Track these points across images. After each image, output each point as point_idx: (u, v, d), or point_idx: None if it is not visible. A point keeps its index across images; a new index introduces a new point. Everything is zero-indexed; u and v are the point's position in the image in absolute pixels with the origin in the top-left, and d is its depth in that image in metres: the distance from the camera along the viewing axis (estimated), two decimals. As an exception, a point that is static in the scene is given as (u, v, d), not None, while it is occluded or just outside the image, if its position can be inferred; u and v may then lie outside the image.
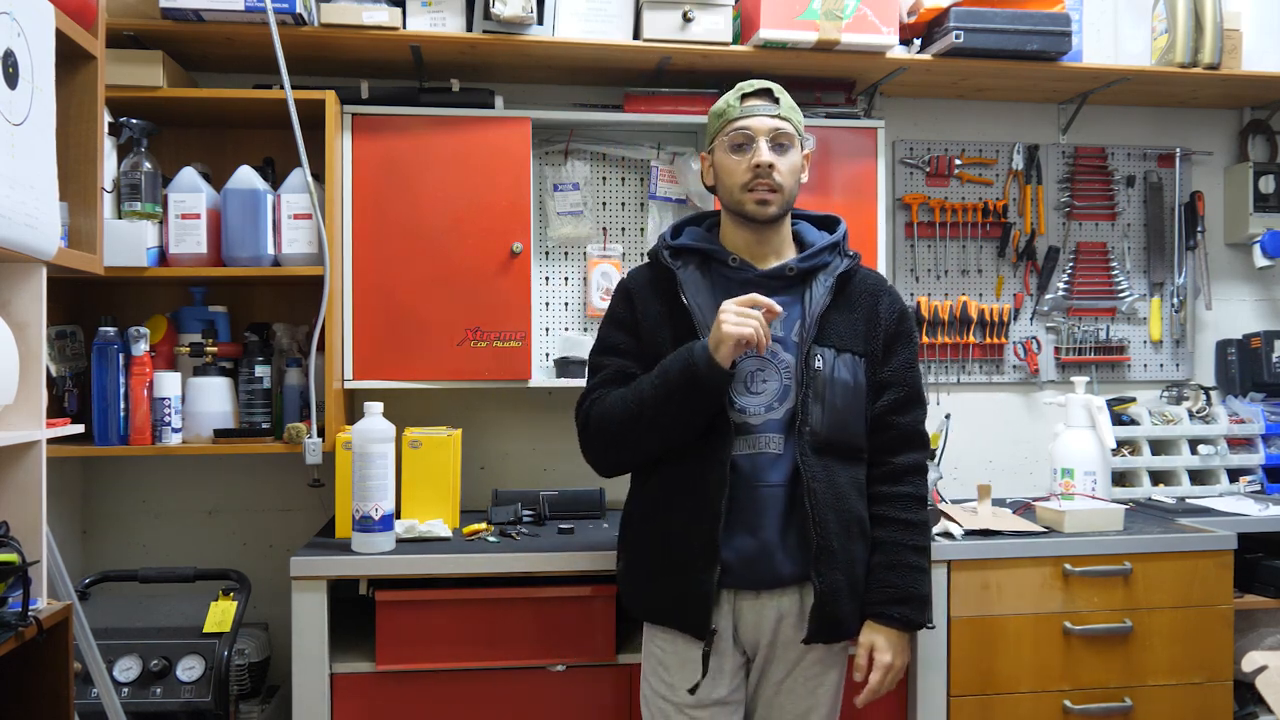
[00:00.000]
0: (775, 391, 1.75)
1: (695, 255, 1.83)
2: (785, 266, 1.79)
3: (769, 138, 1.75)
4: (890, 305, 1.84)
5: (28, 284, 1.49)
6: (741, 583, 1.74)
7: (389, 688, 2.07)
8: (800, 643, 1.75)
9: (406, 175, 2.36)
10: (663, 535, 1.78)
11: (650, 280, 1.86)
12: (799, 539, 1.73)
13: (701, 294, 1.78)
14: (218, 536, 2.59)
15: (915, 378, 1.86)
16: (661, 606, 1.79)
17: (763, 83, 1.80)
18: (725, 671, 1.76)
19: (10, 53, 1.33)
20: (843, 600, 1.74)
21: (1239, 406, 2.87)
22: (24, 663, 1.43)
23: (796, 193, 1.81)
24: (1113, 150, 2.96)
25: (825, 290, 1.78)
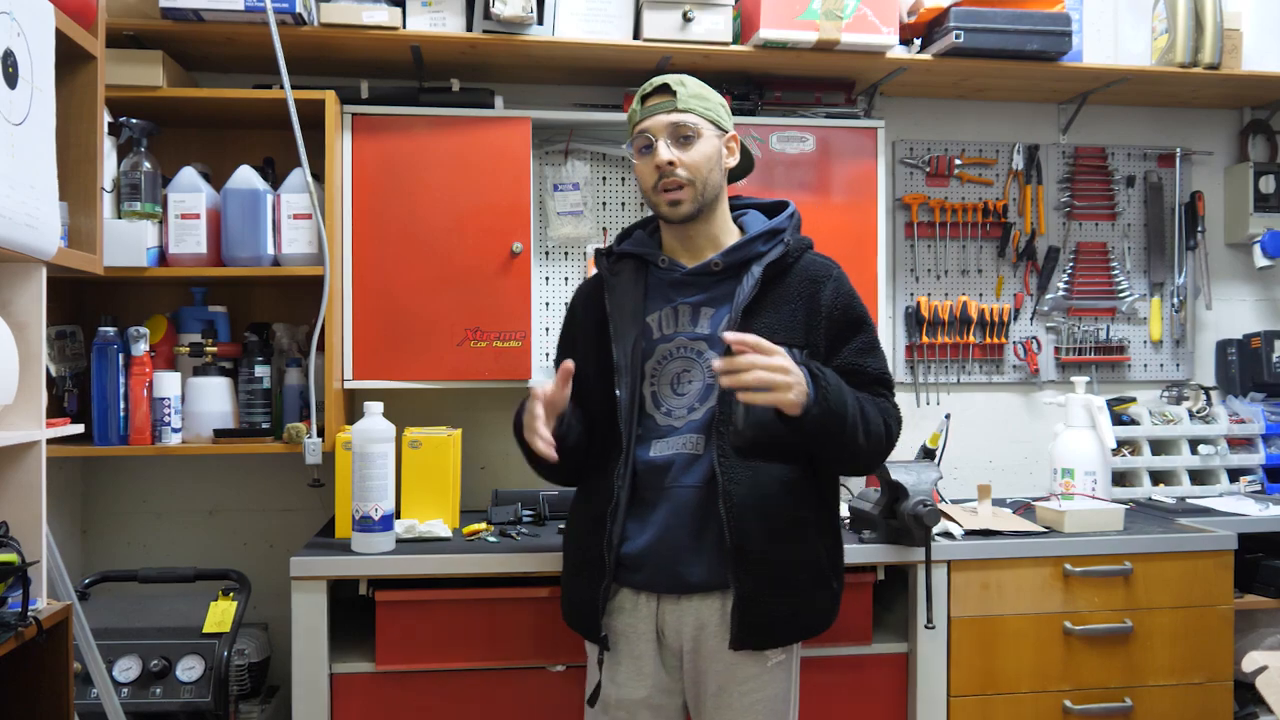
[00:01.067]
0: (698, 391, 1.72)
1: (634, 259, 1.82)
2: (711, 262, 1.75)
3: (668, 135, 1.72)
4: (835, 291, 1.76)
5: (28, 284, 1.49)
6: (657, 586, 1.71)
7: (389, 688, 2.07)
8: (728, 650, 1.68)
9: (406, 175, 2.36)
10: (569, 545, 1.84)
11: (590, 290, 1.87)
12: (715, 542, 1.68)
13: (628, 299, 1.77)
14: (218, 536, 2.59)
15: (875, 364, 1.77)
16: (568, 614, 1.82)
17: (661, 79, 1.75)
18: (646, 673, 1.73)
19: (10, 53, 1.33)
20: (767, 604, 1.67)
21: (1239, 406, 2.87)
22: (24, 663, 1.43)
23: (716, 182, 1.75)
24: (1113, 150, 2.96)
25: (754, 282, 1.71)
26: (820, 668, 2.15)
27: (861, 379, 1.74)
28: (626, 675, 1.74)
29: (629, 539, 1.71)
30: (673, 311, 1.77)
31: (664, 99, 1.74)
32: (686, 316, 1.76)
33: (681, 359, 1.74)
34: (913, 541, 2.12)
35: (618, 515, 1.70)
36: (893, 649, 2.21)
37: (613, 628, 1.75)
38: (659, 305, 1.77)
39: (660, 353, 1.75)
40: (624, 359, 1.73)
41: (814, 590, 1.74)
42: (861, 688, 2.19)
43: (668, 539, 1.69)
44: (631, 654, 1.74)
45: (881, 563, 2.18)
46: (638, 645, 1.74)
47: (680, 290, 1.77)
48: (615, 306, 1.77)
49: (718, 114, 1.77)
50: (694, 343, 1.74)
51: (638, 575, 1.72)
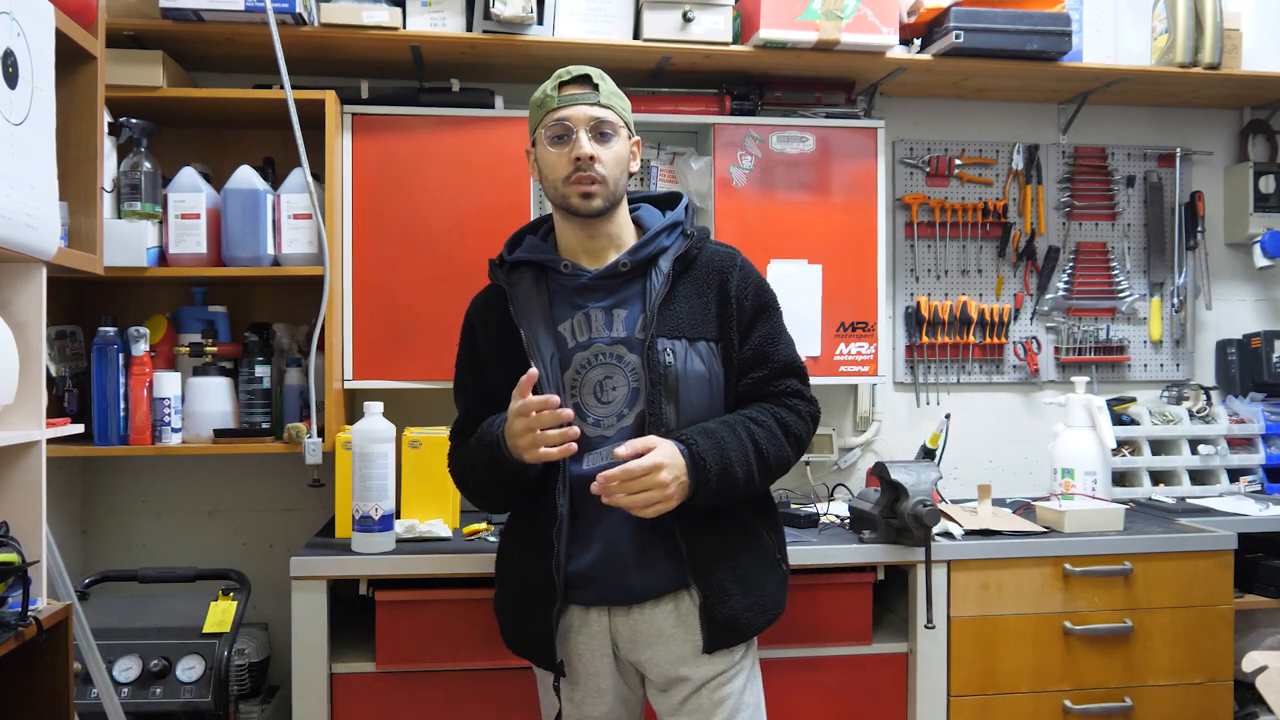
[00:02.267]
0: (625, 397, 1.66)
1: (531, 267, 1.73)
2: (618, 263, 1.68)
3: (589, 128, 1.65)
4: (742, 280, 1.71)
5: (28, 284, 1.49)
6: (606, 599, 1.66)
7: (389, 688, 2.07)
8: (696, 655, 1.64)
9: (406, 175, 2.36)
10: (511, 568, 1.75)
11: (488, 302, 1.78)
12: (663, 547, 1.63)
13: (534, 309, 1.69)
14: (218, 536, 2.59)
15: (782, 352, 1.72)
16: (517, 640, 1.74)
17: (581, 69, 1.69)
18: (604, 689, 1.69)
19: (10, 53, 1.33)
20: (733, 598, 1.64)
21: (1239, 406, 2.87)
22: (24, 663, 1.43)
23: (625, 183, 1.71)
24: (1113, 150, 2.96)
25: (664, 278, 1.66)
26: (820, 668, 2.15)
27: (770, 368, 1.71)
28: (584, 694, 1.70)
29: (573, 557, 1.64)
30: (585, 318, 1.69)
31: (585, 90, 1.67)
32: (600, 321, 1.68)
33: (602, 365, 1.67)
34: (913, 541, 2.12)
35: (562, 534, 1.62)
36: (893, 649, 2.21)
37: (565, 650, 1.69)
38: (568, 313, 1.70)
39: (578, 362, 1.67)
40: (545, 370, 1.64)
41: (765, 576, 1.71)
42: (861, 688, 2.19)
43: (614, 551, 1.64)
44: (587, 672, 1.69)
45: (881, 563, 2.18)
46: (593, 663, 1.69)
47: (588, 295, 1.69)
48: (522, 317, 1.68)
49: (629, 116, 1.73)
50: (612, 347, 1.67)
51: (586, 592, 1.65)
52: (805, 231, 2.51)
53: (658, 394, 1.62)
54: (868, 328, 2.55)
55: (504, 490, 1.70)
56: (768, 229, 2.50)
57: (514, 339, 1.68)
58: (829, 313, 2.53)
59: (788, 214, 2.50)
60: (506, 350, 1.70)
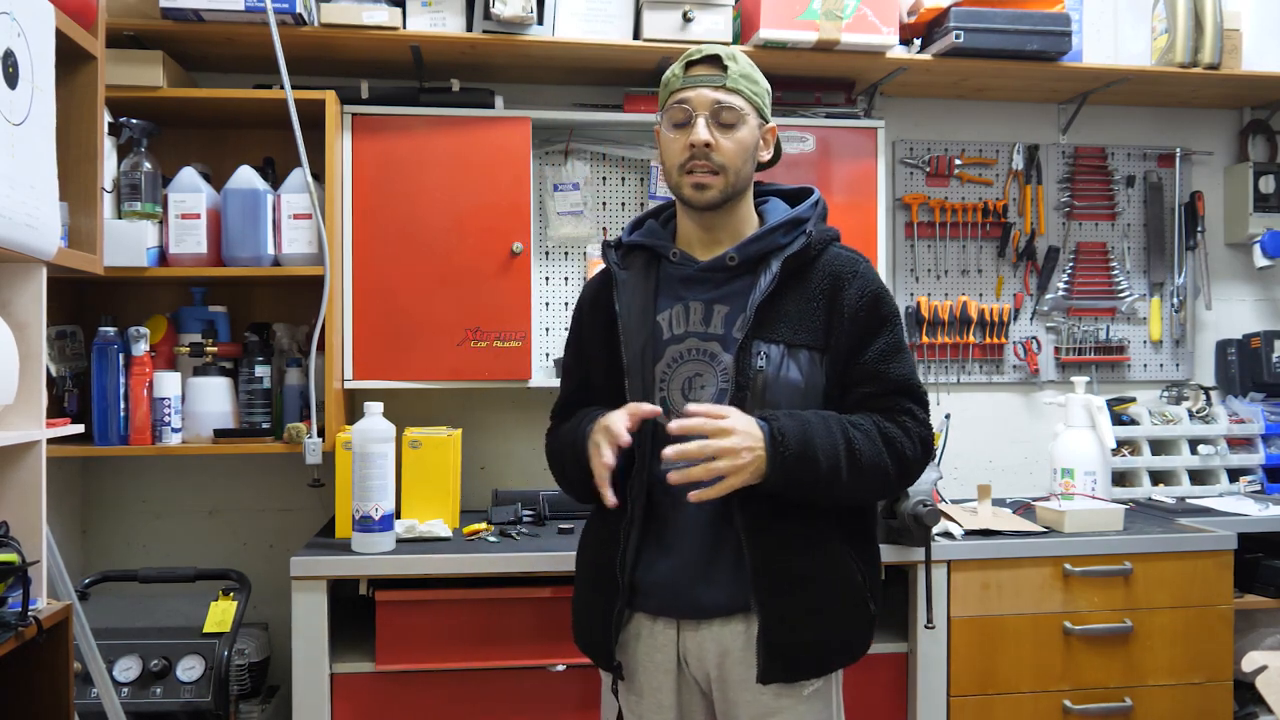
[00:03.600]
0: (712, 397, 1.56)
1: (645, 252, 1.66)
2: (726, 255, 1.59)
3: (710, 112, 1.54)
4: (860, 290, 1.58)
5: (28, 284, 1.49)
6: (674, 610, 1.58)
7: (389, 688, 2.07)
8: (755, 683, 1.53)
9: (406, 175, 2.36)
10: (583, 564, 1.71)
11: (600, 286, 1.71)
12: (733, 562, 1.54)
13: (637, 297, 1.61)
14: (218, 536, 2.59)
15: (897, 370, 1.58)
16: (581, 638, 1.69)
17: (712, 48, 1.58)
18: (666, 706, 1.60)
19: (10, 53, 1.33)
20: (798, 628, 1.52)
21: (1239, 406, 2.87)
22: (24, 663, 1.43)
23: (748, 174, 1.60)
24: (1113, 150, 2.96)
25: (771, 277, 1.55)
26: (820, 668, 2.15)
27: (880, 386, 1.58)
28: (647, 707, 1.61)
29: (644, 560, 1.57)
30: (684, 309, 1.61)
31: (712, 71, 1.56)
32: (698, 315, 1.60)
33: (694, 361, 1.59)
34: (913, 541, 2.12)
35: (631, 532, 1.56)
36: (893, 649, 2.21)
37: (629, 658, 1.61)
38: (670, 303, 1.62)
39: (671, 354, 1.59)
40: (635, 362, 1.58)
41: (848, 612, 1.58)
42: (861, 688, 2.19)
43: (683, 559, 1.56)
44: (650, 685, 1.60)
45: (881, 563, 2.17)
46: (656, 676, 1.60)
47: (692, 287, 1.61)
48: (624, 305, 1.61)
49: (763, 100, 1.61)
50: (706, 344, 1.58)
51: (653, 600, 1.58)
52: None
53: (744, 399, 1.53)
54: (868, 328, 2.55)
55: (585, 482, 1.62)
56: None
57: (613, 326, 1.62)
58: (829, 313, 2.52)
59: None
60: (607, 336, 1.64)
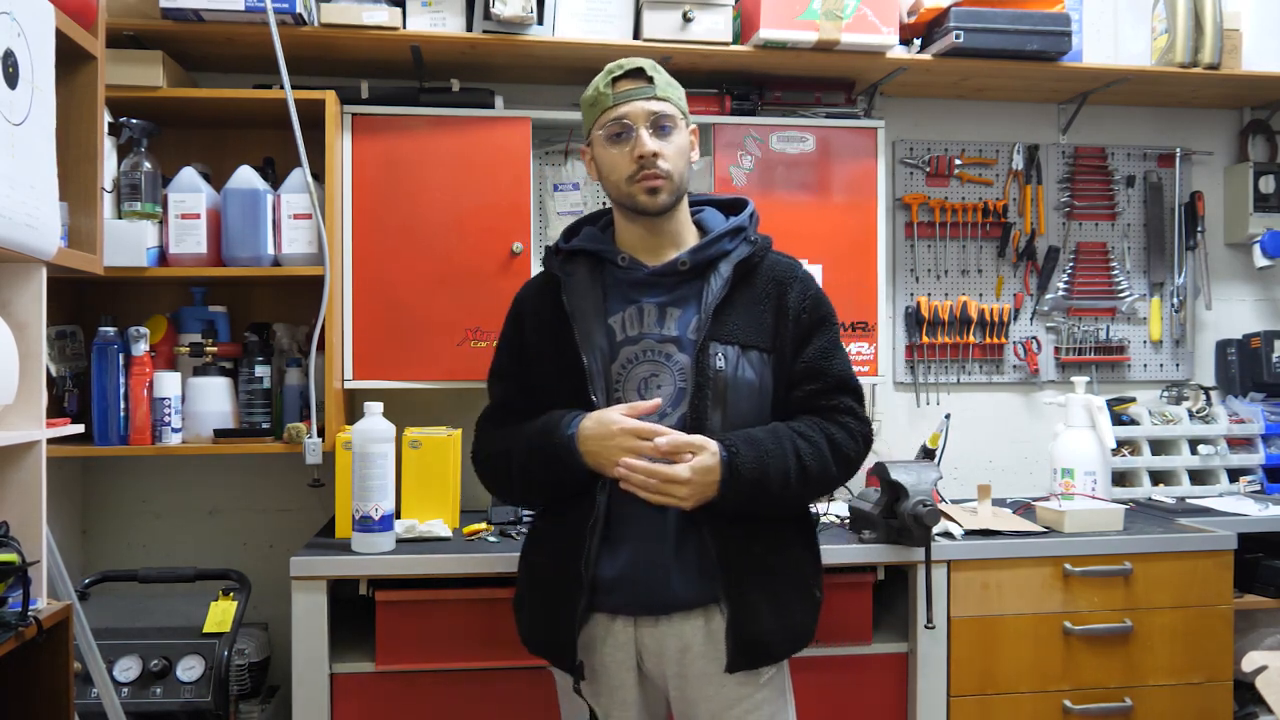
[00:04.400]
0: (669, 396, 1.62)
1: (588, 258, 1.71)
2: (678, 260, 1.65)
3: (649, 123, 1.61)
4: (802, 292, 1.68)
5: (28, 284, 1.49)
6: (634, 608, 1.61)
7: (389, 688, 2.07)
8: (722, 674, 1.59)
9: (406, 175, 2.36)
10: (539, 566, 1.71)
11: (540, 289, 1.76)
12: (696, 557, 1.59)
13: (587, 299, 1.66)
14: (218, 536, 2.59)
15: (837, 367, 1.68)
16: (539, 642, 1.70)
17: (634, 61, 1.65)
18: (629, 703, 1.65)
19: (10, 53, 1.33)
20: (763, 618, 1.59)
21: (1239, 406, 2.87)
22: (24, 663, 1.43)
23: (689, 176, 1.68)
24: (1113, 150, 2.96)
25: (723, 281, 1.62)
26: (820, 668, 2.15)
27: (823, 382, 1.67)
28: (610, 704, 1.66)
29: (603, 560, 1.60)
30: (637, 312, 1.66)
31: (641, 84, 1.63)
32: (653, 317, 1.65)
33: (649, 362, 1.64)
34: (913, 541, 2.12)
35: (596, 531, 1.59)
36: (893, 649, 2.21)
37: (590, 658, 1.64)
38: (621, 306, 1.67)
39: (625, 355, 1.65)
40: (594, 364, 1.62)
41: (797, 600, 1.67)
42: (861, 688, 2.19)
43: (646, 554, 1.59)
44: (612, 684, 1.65)
45: (881, 563, 2.18)
46: (618, 674, 1.65)
47: (643, 290, 1.66)
48: (576, 307, 1.65)
49: (685, 105, 1.70)
50: (662, 345, 1.64)
51: (613, 597, 1.61)
52: (805, 231, 2.50)
53: (704, 398, 1.59)
54: (868, 328, 2.55)
55: (552, 490, 1.67)
56: (768, 229, 2.44)
57: (563, 328, 1.65)
58: (829, 313, 2.53)
59: (788, 214, 2.50)
60: (555, 339, 1.67)
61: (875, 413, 2.82)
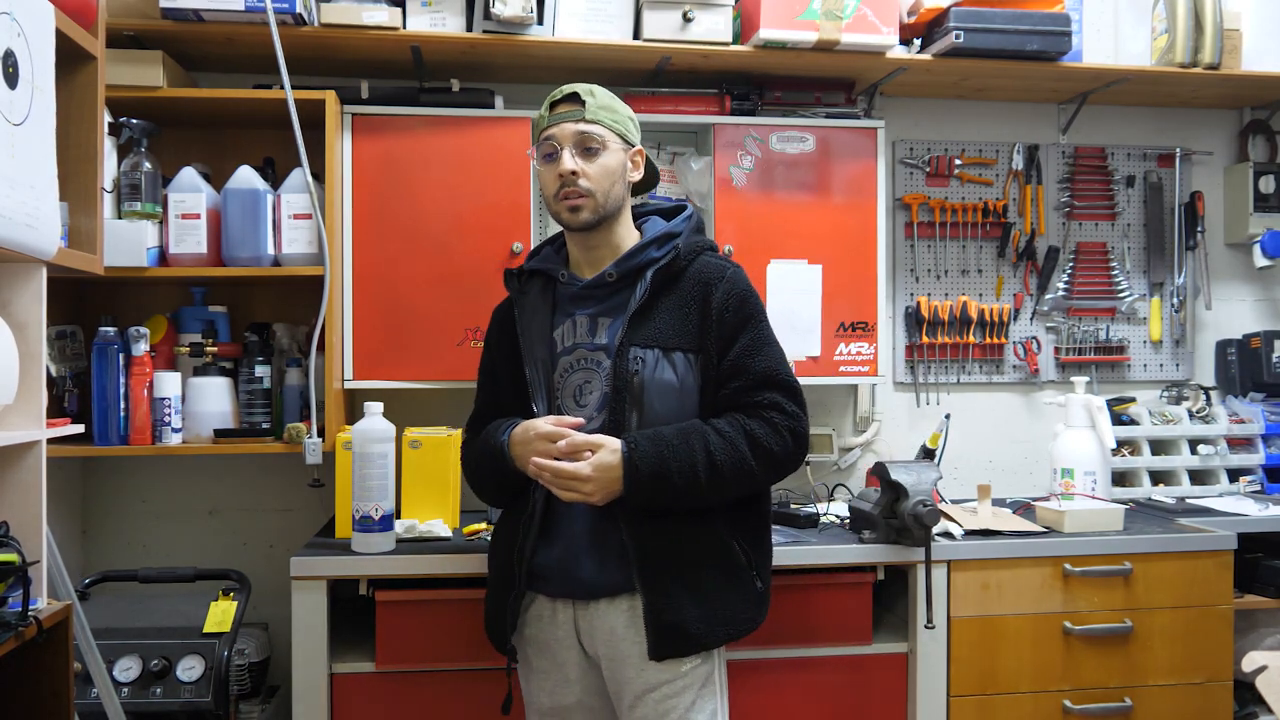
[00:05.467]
0: (597, 401, 1.72)
1: (541, 276, 1.84)
2: (605, 273, 1.75)
3: (573, 144, 1.71)
4: (726, 292, 1.72)
5: (28, 284, 1.49)
6: (564, 592, 1.73)
7: (389, 688, 2.07)
8: (648, 661, 1.66)
9: (406, 175, 2.36)
10: (492, 563, 1.85)
11: (504, 310, 1.89)
12: (616, 547, 1.68)
13: (536, 317, 1.79)
14: (218, 536, 2.59)
15: (761, 364, 1.71)
16: (488, 627, 1.83)
17: (571, 87, 1.76)
18: (572, 680, 1.75)
19: (10, 53, 1.33)
20: (682, 607, 1.65)
21: (1239, 406, 2.87)
22: (24, 663, 1.43)
23: (618, 195, 1.75)
24: (1113, 150, 2.96)
25: (644, 288, 1.71)
26: (820, 668, 2.15)
27: (747, 379, 1.70)
28: (554, 683, 1.76)
29: (540, 550, 1.73)
30: (572, 324, 1.78)
31: (572, 108, 1.73)
32: (584, 328, 1.76)
33: (582, 370, 1.75)
34: (913, 541, 2.12)
35: (531, 526, 1.72)
36: (893, 649, 2.21)
37: (533, 637, 1.77)
38: (562, 319, 1.79)
39: (563, 365, 1.77)
40: (536, 376, 1.76)
41: (729, 590, 1.70)
42: (861, 688, 2.19)
43: (572, 545, 1.71)
44: (555, 661, 1.76)
45: (881, 563, 2.18)
46: (560, 653, 1.75)
47: (578, 303, 1.78)
48: (524, 326, 1.79)
49: (625, 127, 1.77)
50: (593, 353, 1.74)
51: (548, 584, 1.74)
52: (805, 231, 2.51)
53: (621, 400, 1.68)
54: (868, 328, 2.55)
55: (505, 490, 1.81)
56: (768, 229, 2.50)
57: (516, 343, 1.80)
58: (829, 313, 2.53)
59: (788, 214, 2.50)
60: (513, 355, 1.81)
61: (875, 413, 2.82)
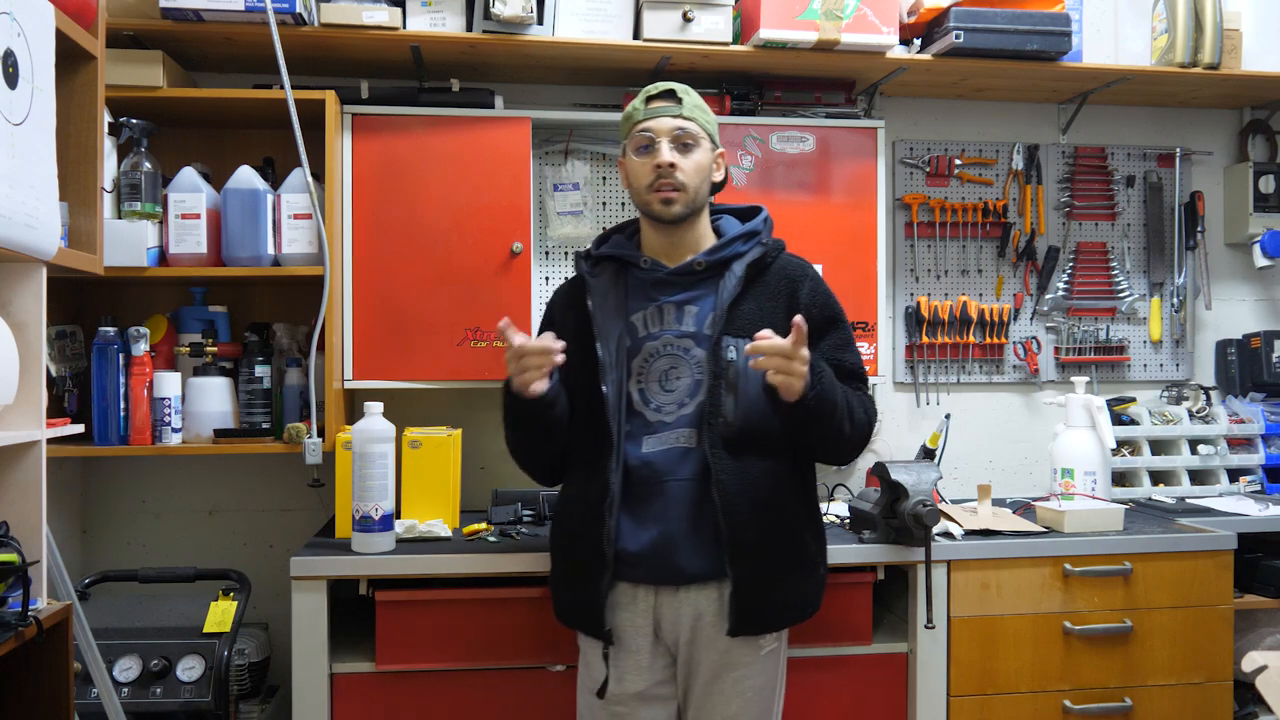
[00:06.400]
0: (687, 387, 1.77)
1: (613, 262, 1.87)
2: (694, 261, 1.81)
3: (670, 138, 1.77)
4: (812, 290, 1.83)
5: (28, 284, 1.49)
6: (655, 579, 1.76)
7: (389, 688, 2.07)
8: (727, 640, 1.75)
9: (406, 175, 2.36)
10: (563, 542, 1.86)
11: (570, 291, 1.92)
12: (711, 533, 1.73)
13: (609, 299, 1.82)
14: (218, 536, 2.59)
15: (850, 359, 1.84)
16: (566, 610, 1.85)
17: (667, 84, 1.83)
18: (644, 667, 1.78)
19: (10, 53, 1.33)
20: (763, 591, 1.74)
21: (1239, 406, 2.87)
22: (24, 663, 1.43)
23: (706, 191, 1.82)
24: (1113, 150, 2.96)
25: (736, 280, 1.78)
26: (820, 668, 2.15)
27: (839, 373, 1.79)
28: (626, 669, 1.78)
29: (625, 534, 1.75)
30: (657, 310, 1.81)
31: (669, 103, 1.80)
32: (671, 315, 1.80)
33: (668, 356, 1.79)
34: (913, 541, 2.12)
35: (613, 509, 1.73)
36: (893, 649, 2.21)
37: (616, 621, 1.78)
38: (642, 305, 1.82)
39: (647, 350, 1.79)
40: (609, 357, 1.76)
41: (803, 576, 1.81)
42: (861, 688, 2.19)
43: (667, 532, 1.74)
44: (630, 648, 1.78)
45: (881, 563, 2.18)
46: (636, 639, 1.78)
47: (663, 289, 1.82)
48: (598, 306, 1.81)
49: (713, 129, 1.84)
50: (680, 340, 1.79)
51: (636, 570, 1.76)
52: (805, 231, 2.50)
53: (719, 387, 1.73)
54: (868, 328, 2.55)
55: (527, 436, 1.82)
56: (768, 229, 2.50)
57: (586, 325, 1.81)
58: (829, 313, 2.53)
59: (788, 214, 2.49)
60: (582, 336, 1.80)
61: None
